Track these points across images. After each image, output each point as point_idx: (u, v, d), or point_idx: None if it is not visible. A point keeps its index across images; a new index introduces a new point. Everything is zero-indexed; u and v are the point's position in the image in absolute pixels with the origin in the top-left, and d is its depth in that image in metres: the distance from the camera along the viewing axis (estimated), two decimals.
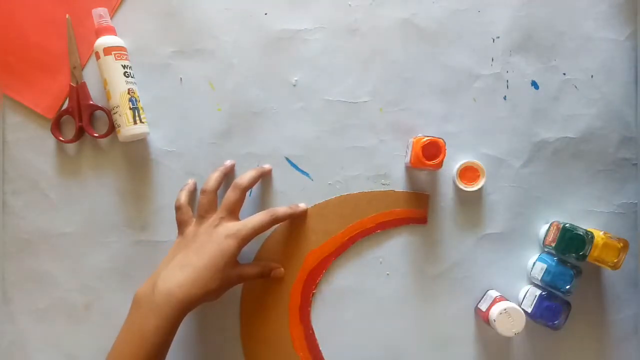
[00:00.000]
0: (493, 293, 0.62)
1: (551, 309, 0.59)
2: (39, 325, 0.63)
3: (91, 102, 0.62)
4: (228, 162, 0.62)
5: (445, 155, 0.58)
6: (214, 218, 0.58)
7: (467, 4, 0.64)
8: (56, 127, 0.62)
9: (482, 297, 0.63)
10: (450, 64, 0.64)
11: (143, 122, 0.61)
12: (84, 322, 0.63)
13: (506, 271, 0.64)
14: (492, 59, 0.64)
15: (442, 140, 0.58)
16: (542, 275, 0.59)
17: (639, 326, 0.64)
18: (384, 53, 0.64)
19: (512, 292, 0.63)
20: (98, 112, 0.63)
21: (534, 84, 0.64)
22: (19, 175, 0.63)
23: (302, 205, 0.63)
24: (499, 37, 0.64)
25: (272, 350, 0.62)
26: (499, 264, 0.64)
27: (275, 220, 0.59)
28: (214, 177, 0.60)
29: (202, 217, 0.59)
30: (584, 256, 0.58)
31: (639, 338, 0.64)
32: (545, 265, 0.59)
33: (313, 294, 0.63)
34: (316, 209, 0.63)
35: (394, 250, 0.63)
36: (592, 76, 0.64)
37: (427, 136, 0.59)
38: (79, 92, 0.62)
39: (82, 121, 0.62)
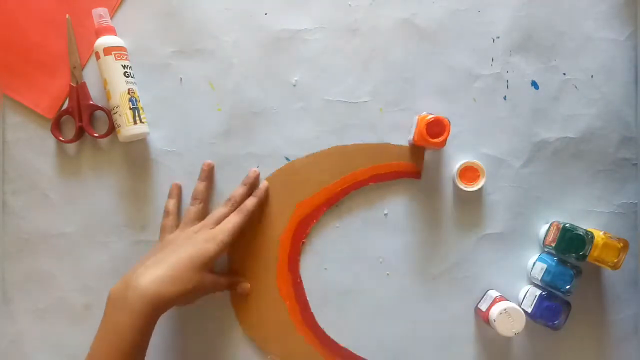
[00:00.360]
0: (493, 293, 0.62)
1: (551, 309, 0.59)
2: (39, 325, 0.63)
3: (91, 102, 0.62)
4: (206, 165, 0.62)
5: (449, 134, 0.57)
6: (198, 226, 0.59)
7: (467, 4, 0.64)
8: (56, 127, 0.62)
9: (482, 297, 0.63)
10: (450, 64, 0.64)
11: (143, 122, 0.61)
12: (84, 322, 0.63)
13: (506, 271, 0.64)
14: (492, 59, 0.64)
15: (446, 119, 0.58)
16: (542, 275, 0.59)
17: (639, 326, 0.64)
18: (384, 53, 0.64)
19: (512, 292, 0.63)
20: (98, 112, 0.63)
21: (534, 84, 0.64)
22: (19, 175, 0.63)
23: (263, 184, 0.62)
24: (499, 37, 0.64)
25: (260, 297, 0.62)
26: (499, 264, 0.64)
27: (248, 215, 0.60)
28: (203, 188, 0.61)
29: (185, 224, 0.60)
30: (584, 256, 0.58)
31: (639, 338, 0.64)
32: (545, 265, 0.59)
33: (303, 243, 0.63)
34: (309, 159, 0.63)
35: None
36: (592, 76, 0.64)
37: (432, 114, 0.58)
38: (79, 92, 0.62)
39: (82, 121, 0.62)
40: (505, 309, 0.57)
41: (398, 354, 0.63)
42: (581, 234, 0.58)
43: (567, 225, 0.58)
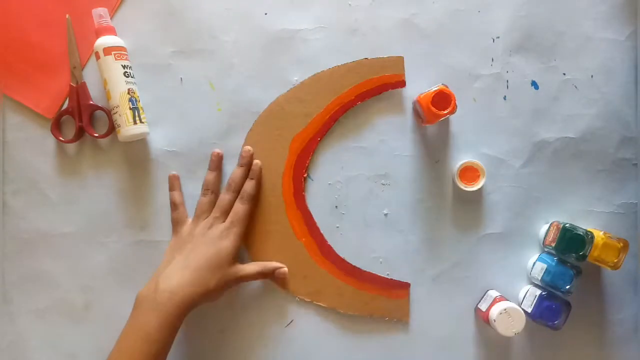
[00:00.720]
0: (493, 293, 0.62)
1: (551, 309, 0.59)
2: (39, 325, 0.63)
3: (91, 102, 0.62)
4: (215, 154, 0.62)
5: (455, 100, 0.57)
6: (210, 219, 0.60)
7: (467, 4, 0.64)
8: (56, 127, 0.62)
9: (482, 297, 0.63)
10: (450, 64, 0.64)
11: (143, 122, 0.61)
12: (84, 322, 0.63)
13: (506, 271, 0.64)
14: (492, 59, 0.64)
15: (446, 88, 0.58)
16: (542, 275, 0.59)
17: (639, 326, 0.64)
18: (384, 53, 0.64)
19: (512, 292, 0.63)
20: (98, 112, 0.63)
21: (534, 84, 0.64)
22: (19, 175, 0.63)
23: (256, 163, 0.62)
24: (499, 37, 0.64)
25: (275, 243, 0.62)
26: (499, 264, 0.64)
27: (252, 199, 0.61)
28: (213, 180, 0.62)
29: (198, 217, 0.61)
30: (584, 256, 0.58)
31: (639, 338, 0.64)
32: (545, 265, 0.59)
33: (305, 177, 0.63)
34: (292, 93, 0.63)
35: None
36: (592, 76, 0.64)
37: (426, 90, 0.58)
38: (79, 92, 0.62)
39: (82, 121, 0.62)
40: (505, 309, 0.57)
41: (398, 354, 0.63)
42: (581, 234, 0.58)
43: (567, 225, 0.58)
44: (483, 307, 0.61)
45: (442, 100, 0.58)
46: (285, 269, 0.62)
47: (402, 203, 0.64)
